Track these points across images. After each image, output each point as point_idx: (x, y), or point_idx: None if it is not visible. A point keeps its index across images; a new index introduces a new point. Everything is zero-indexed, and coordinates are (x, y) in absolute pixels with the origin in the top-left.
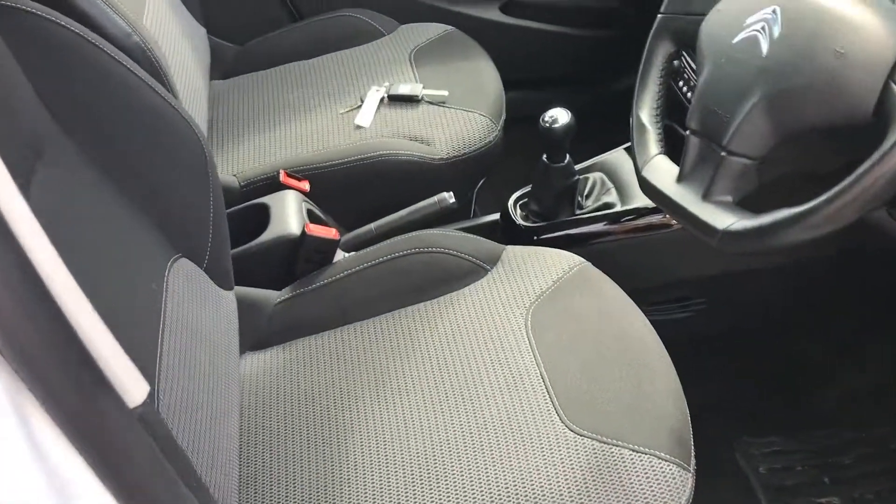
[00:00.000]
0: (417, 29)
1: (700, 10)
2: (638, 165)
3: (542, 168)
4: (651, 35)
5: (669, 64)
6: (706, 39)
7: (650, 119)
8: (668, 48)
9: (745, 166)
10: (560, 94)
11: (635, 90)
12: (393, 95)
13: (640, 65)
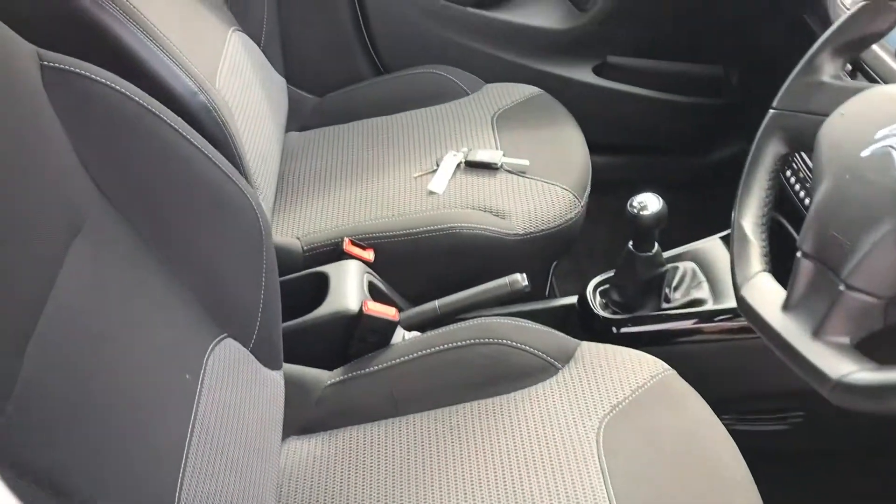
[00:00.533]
0: (503, 89)
1: (821, 109)
2: (737, 282)
3: (628, 256)
4: (760, 132)
5: (780, 167)
6: (827, 147)
7: (754, 230)
8: (779, 149)
9: (867, 305)
10: (650, 161)
11: (738, 193)
12: (471, 162)
13: (746, 164)
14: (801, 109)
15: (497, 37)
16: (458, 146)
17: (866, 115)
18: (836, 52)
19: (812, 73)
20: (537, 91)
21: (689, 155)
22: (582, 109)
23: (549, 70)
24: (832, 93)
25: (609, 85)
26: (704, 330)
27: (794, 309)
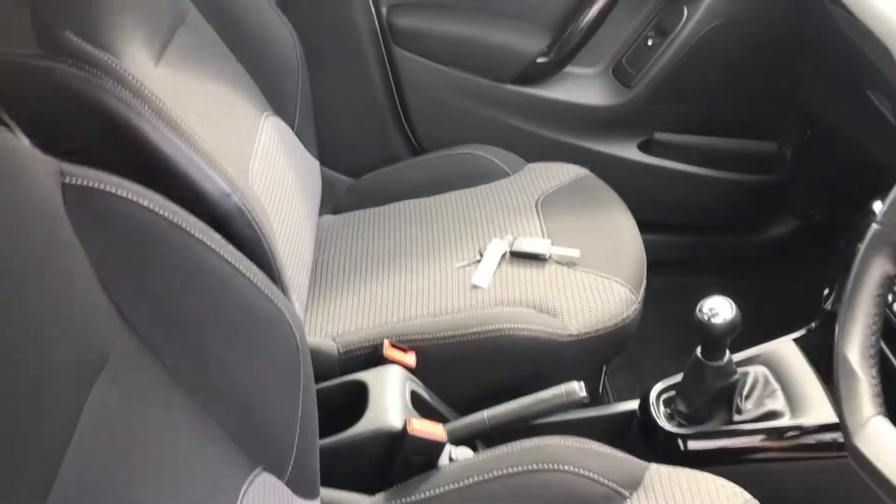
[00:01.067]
0: (546, 170)
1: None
2: (848, 427)
3: (695, 364)
4: (864, 249)
5: (887, 290)
6: None
7: (862, 363)
8: (886, 268)
9: None
10: (699, 241)
11: (840, 319)
12: (516, 252)
13: (847, 287)
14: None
15: (538, 114)
16: (501, 233)
17: None
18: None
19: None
20: (583, 171)
21: (739, 233)
22: (628, 187)
23: (593, 147)
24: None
25: (656, 162)
26: (779, 447)
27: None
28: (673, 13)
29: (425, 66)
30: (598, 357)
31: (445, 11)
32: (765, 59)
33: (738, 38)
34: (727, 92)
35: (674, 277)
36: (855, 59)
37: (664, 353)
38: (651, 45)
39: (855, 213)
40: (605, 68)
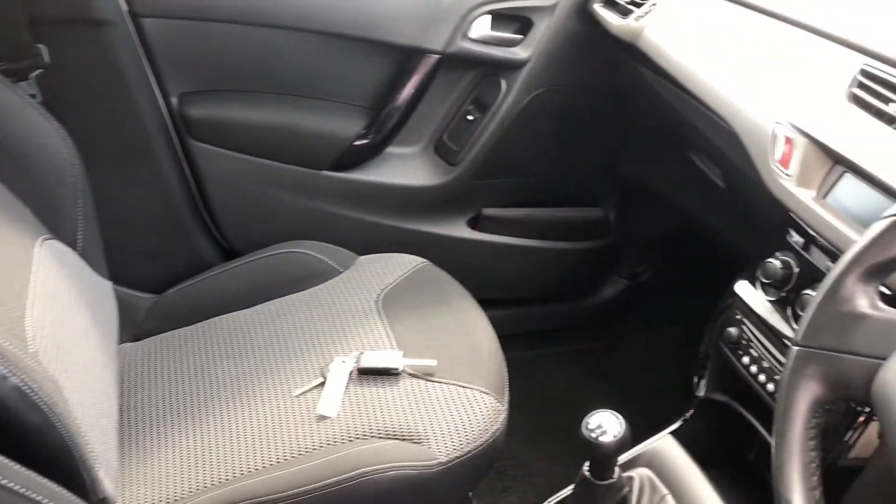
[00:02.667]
0: (381, 263)
1: (867, 350)
2: None
3: (583, 484)
4: (787, 376)
5: (821, 419)
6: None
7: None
8: (816, 395)
9: None
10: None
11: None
12: (364, 369)
13: (776, 421)
14: (841, 349)
15: (362, 201)
16: (344, 346)
17: None
18: (867, 277)
19: (842, 302)
20: (420, 261)
21: (573, 300)
22: (463, 266)
23: (423, 229)
24: (880, 329)
25: (487, 238)
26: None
27: None
28: (491, 86)
29: (228, 158)
30: (470, 482)
31: (245, 97)
32: (586, 126)
33: (559, 107)
34: (551, 161)
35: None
36: (677, 126)
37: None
38: (472, 120)
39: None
40: (426, 146)
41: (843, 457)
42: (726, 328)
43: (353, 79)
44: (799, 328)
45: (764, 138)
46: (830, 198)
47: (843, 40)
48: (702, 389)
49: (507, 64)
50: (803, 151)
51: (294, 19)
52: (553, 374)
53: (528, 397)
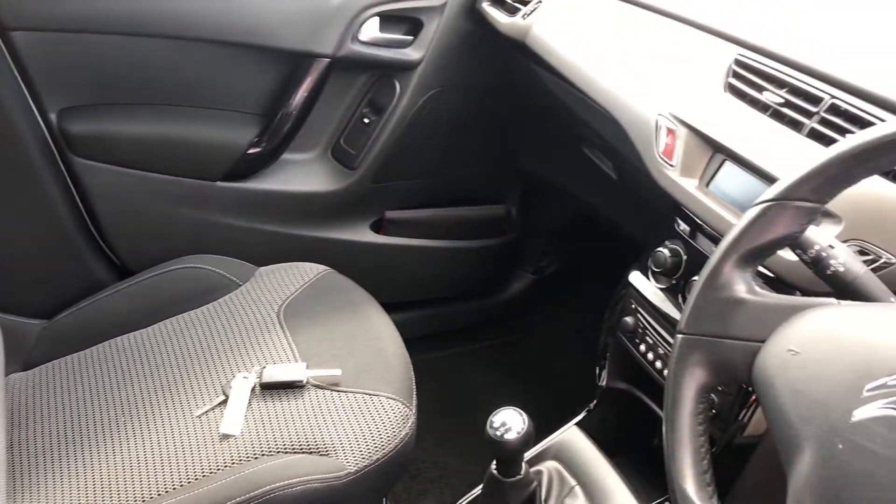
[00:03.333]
0: (281, 273)
1: (745, 334)
2: None
3: (492, 482)
4: (673, 363)
5: (707, 404)
6: (790, 398)
7: (702, 495)
8: (701, 381)
9: None
10: (444, 312)
11: (666, 446)
12: (267, 384)
13: (665, 409)
14: (721, 335)
15: (259, 210)
16: (245, 362)
17: (836, 359)
18: (743, 262)
19: (721, 289)
20: (322, 269)
21: (481, 297)
22: (368, 271)
23: (325, 235)
24: (756, 312)
25: (391, 241)
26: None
27: None
28: (385, 88)
29: (116, 174)
30: (382, 488)
31: (130, 110)
32: (484, 125)
33: (455, 106)
34: (451, 161)
35: (429, 352)
36: (570, 121)
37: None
38: (368, 123)
39: (581, 260)
40: (324, 151)
41: (738, 435)
42: (622, 317)
43: (243, 86)
44: (682, 316)
45: (648, 130)
46: (713, 186)
47: (718, 32)
48: (604, 379)
49: (400, 65)
50: (685, 142)
51: (176, 28)
52: (465, 373)
53: (441, 398)
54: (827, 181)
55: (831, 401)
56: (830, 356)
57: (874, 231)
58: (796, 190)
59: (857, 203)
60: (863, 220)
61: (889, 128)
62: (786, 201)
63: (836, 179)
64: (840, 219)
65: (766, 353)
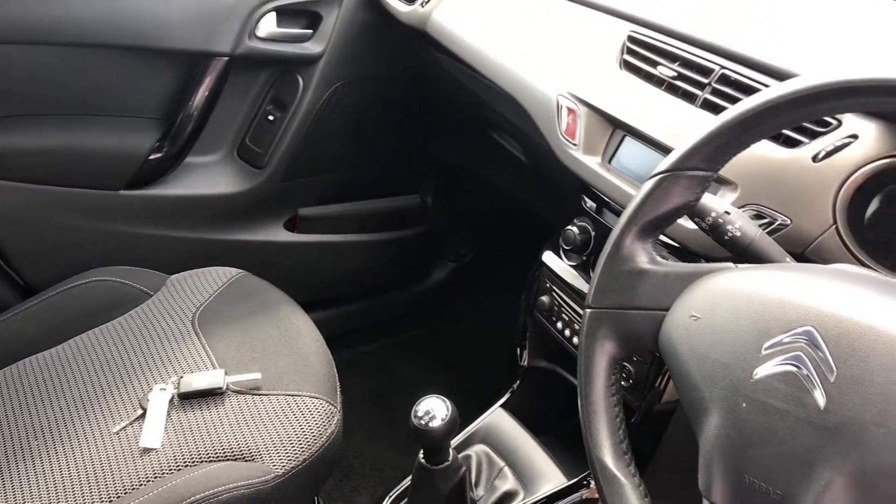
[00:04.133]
0: (193, 280)
1: (650, 303)
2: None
3: (421, 472)
4: (583, 339)
5: (619, 375)
6: (695, 362)
7: (619, 464)
8: (612, 353)
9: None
10: (367, 307)
11: (582, 420)
12: (185, 393)
13: (579, 383)
14: (627, 306)
15: (166, 217)
16: (161, 374)
17: (734, 321)
18: (643, 233)
19: (624, 261)
20: (235, 272)
21: (404, 288)
22: (285, 271)
23: (238, 238)
24: (658, 281)
25: (307, 239)
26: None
27: None
28: (288, 84)
29: (11, 189)
30: (313, 488)
31: (21, 122)
32: (392, 115)
33: (361, 98)
34: (362, 154)
35: (355, 347)
36: (477, 107)
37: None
38: (273, 121)
39: (500, 244)
40: (229, 152)
41: (656, 403)
42: (538, 297)
43: (140, 91)
44: (588, 291)
45: (550, 111)
46: (615, 162)
47: (611, 10)
48: (525, 359)
49: (301, 60)
50: (585, 120)
51: (66, 35)
52: (393, 365)
53: (370, 391)
54: (717, 149)
55: (732, 362)
56: (730, 319)
57: (768, 195)
58: (688, 160)
59: (751, 169)
60: (757, 186)
61: (772, 93)
62: (679, 171)
63: (726, 147)
64: (736, 185)
65: (670, 321)
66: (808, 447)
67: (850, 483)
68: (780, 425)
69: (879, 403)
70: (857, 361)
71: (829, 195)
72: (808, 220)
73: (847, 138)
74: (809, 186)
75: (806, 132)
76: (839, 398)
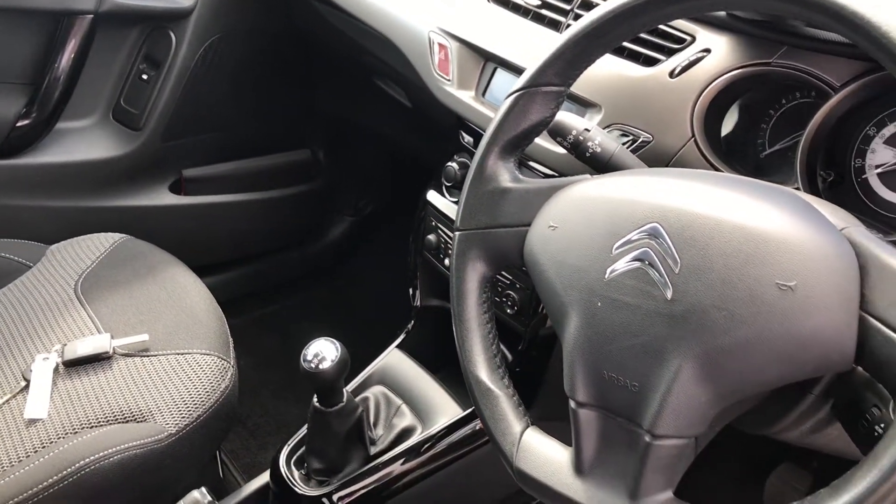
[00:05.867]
0: (74, 248)
1: (513, 220)
2: (504, 452)
3: (316, 415)
4: (454, 260)
5: (489, 293)
6: (554, 270)
7: (493, 377)
8: (482, 272)
9: (681, 448)
10: (264, 267)
11: (456, 336)
12: (70, 361)
13: (452, 300)
14: (492, 224)
15: (40, 186)
16: (45, 343)
17: (588, 226)
18: (505, 153)
19: (487, 181)
20: (118, 237)
21: (302, 246)
22: (173, 236)
23: (121, 203)
24: (520, 198)
25: (194, 201)
26: (426, 463)
27: (593, 472)
28: (160, 41)
29: None
30: (211, 444)
31: None
32: (274, 69)
33: (240, 53)
34: (246, 110)
35: (259, 309)
36: (358, 54)
37: (269, 397)
38: (147, 80)
39: (398, 194)
40: (104, 115)
41: (542, 327)
42: (425, 236)
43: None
44: (457, 214)
45: (423, 48)
46: (488, 94)
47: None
48: (417, 299)
49: (172, 15)
50: (457, 55)
51: None
52: (297, 324)
53: (275, 352)
54: (567, 64)
55: (587, 265)
56: (583, 224)
57: (631, 114)
58: (541, 76)
59: (613, 90)
60: (620, 106)
61: (611, 4)
62: (533, 88)
63: (575, 60)
64: (600, 107)
65: (531, 234)
66: (658, 337)
67: (697, 366)
68: (632, 320)
69: (719, 288)
70: (697, 251)
71: (687, 109)
72: (668, 135)
73: (700, 52)
74: (668, 102)
75: (664, 50)
76: (683, 287)
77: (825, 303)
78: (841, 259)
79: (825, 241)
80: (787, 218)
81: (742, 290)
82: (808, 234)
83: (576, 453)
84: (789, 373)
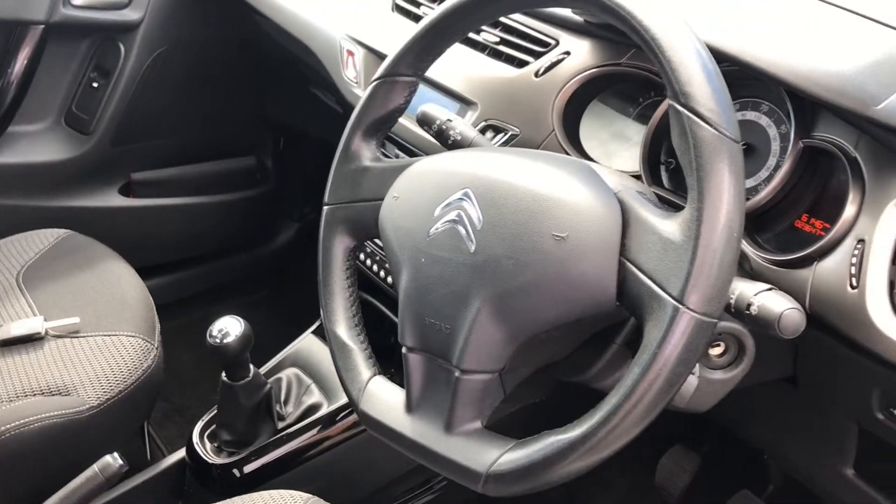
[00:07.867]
0: (20, 242)
1: (373, 194)
2: (352, 396)
3: (225, 389)
4: (322, 231)
5: (353, 261)
6: (394, 234)
7: (350, 334)
8: (345, 243)
9: (486, 382)
10: (212, 269)
11: (321, 299)
12: (5, 340)
13: (319, 268)
14: (354, 199)
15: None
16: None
17: (419, 194)
18: (367, 135)
19: (351, 160)
20: (64, 232)
21: (249, 250)
22: (121, 236)
23: (70, 204)
24: (378, 176)
25: (142, 203)
26: (331, 435)
27: (418, 408)
28: (109, 51)
29: None
30: (133, 418)
31: None
32: (221, 78)
33: (188, 63)
34: (193, 117)
35: (198, 311)
36: (294, 63)
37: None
38: (98, 87)
39: None
40: (56, 120)
41: None
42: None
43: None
44: (326, 190)
45: (335, 53)
46: None
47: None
48: None
49: (121, 27)
50: (363, 61)
51: None
52: None
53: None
54: (416, 56)
55: (415, 226)
56: (416, 192)
57: (502, 110)
58: (395, 66)
59: (488, 90)
60: (493, 103)
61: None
62: (390, 78)
63: (424, 52)
64: (477, 105)
65: (382, 206)
66: (463, 285)
67: (492, 307)
68: (446, 271)
69: (509, 240)
70: (496, 210)
71: (549, 105)
72: (533, 128)
73: (561, 55)
74: (533, 100)
75: (533, 53)
76: (483, 241)
77: (592, 250)
78: (608, 214)
79: (597, 200)
80: (567, 181)
81: (526, 241)
82: (583, 194)
83: (407, 393)
84: (565, 312)
